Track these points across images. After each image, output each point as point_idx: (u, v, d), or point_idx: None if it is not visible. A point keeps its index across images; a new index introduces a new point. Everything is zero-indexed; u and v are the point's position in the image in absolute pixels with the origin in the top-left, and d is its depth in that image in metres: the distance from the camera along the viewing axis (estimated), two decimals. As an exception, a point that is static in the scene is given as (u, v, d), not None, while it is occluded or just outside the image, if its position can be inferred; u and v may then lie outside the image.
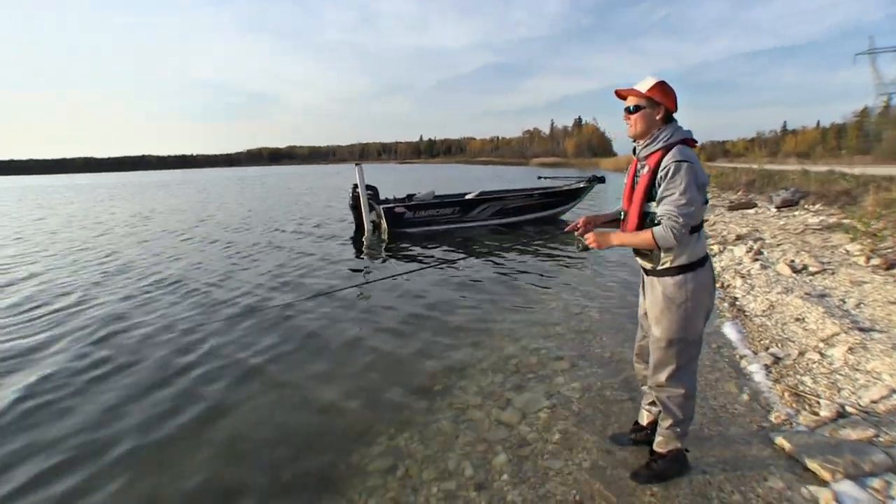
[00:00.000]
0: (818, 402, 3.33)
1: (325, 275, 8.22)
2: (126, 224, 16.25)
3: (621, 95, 2.55)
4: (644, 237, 2.39)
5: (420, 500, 2.80)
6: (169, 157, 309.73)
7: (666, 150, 2.37)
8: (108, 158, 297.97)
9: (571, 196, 14.09)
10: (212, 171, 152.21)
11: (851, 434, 2.91)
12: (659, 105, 2.42)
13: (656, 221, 2.37)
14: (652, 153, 2.43)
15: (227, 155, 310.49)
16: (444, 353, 4.83)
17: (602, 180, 13.92)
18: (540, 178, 16.32)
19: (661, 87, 2.41)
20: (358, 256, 10.22)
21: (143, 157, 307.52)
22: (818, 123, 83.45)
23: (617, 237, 2.55)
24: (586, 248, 2.73)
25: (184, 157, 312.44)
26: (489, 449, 3.20)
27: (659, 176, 2.34)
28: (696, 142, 2.45)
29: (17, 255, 10.75)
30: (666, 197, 2.31)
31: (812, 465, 2.68)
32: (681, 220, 2.24)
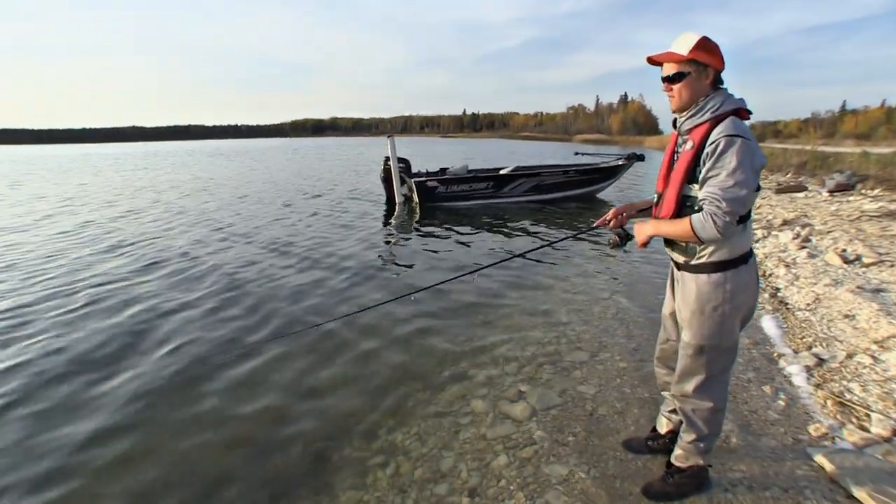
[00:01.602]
0: (868, 416, 2.92)
1: (352, 257, 7.98)
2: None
3: (656, 62, 2.11)
4: (681, 227, 2.00)
5: (408, 502, 2.55)
6: (215, 126, 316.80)
7: (715, 121, 1.96)
8: (158, 128, 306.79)
9: (609, 174, 13.56)
10: (261, 141, 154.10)
11: (912, 460, 2.49)
12: (706, 67, 2.00)
13: (697, 207, 1.99)
14: (697, 126, 2.03)
15: (272, 126, 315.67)
16: (456, 335, 4.57)
17: (641, 158, 13.37)
18: (577, 154, 15.74)
19: (705, 43, 1.98)
20: (387, 236, 9.66)
21: (190, 126, 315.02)
22: (883, 102, 78.43)
23: (653, 227, 2.17)
24: (619, 245, 2.38)
25: (229, 126, 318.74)
26: (489, 448, 2.93)
27: (705, 153, 1.94)
28: (749, 112, 2.02)
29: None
30: (711, 178, 1.91)
31: (859, 493, 2.28)
32: (724, 205, 1.85)
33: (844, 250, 6.10)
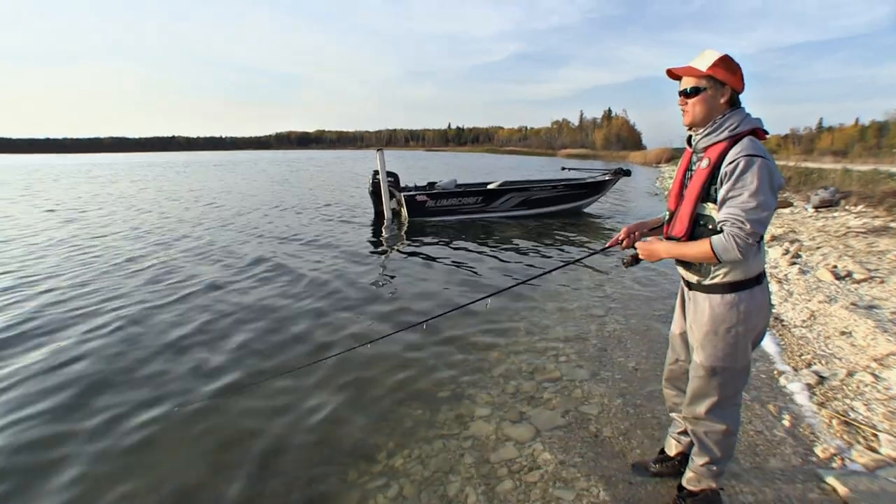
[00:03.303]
0: (876, 436, 2.90)
1: (349, 275, 7.87)
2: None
3: (674, 75, 2.12)
4: (700, 248, 1.98)
5: (413, 530, 2.47)
6: (198, 138, 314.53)
7: (732, 141, 1.95)
8: (139, 139, 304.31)
9: (596, 189, 13.63)
10: (252, 153, 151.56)
11: (929, 484, 2.44)
12: (723, 85, 1.99)
13: (715, 227, 1.97)
14: (714, 144, 2.01)
15: (257, 138, 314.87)
16: (453, 355, 4.49)
17: (628, 173, 13.50)
18: (563, 168, 15.82)
19: (726, 62, 1.97)
20: (381, 254, 9.35)
21: (173, 137, 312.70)
22: (857, 120, 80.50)
23: (666, 248, 2.14)
24: (633, 264, 2.34)
25: (213, 138, 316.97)
26: (493, 472, 2.86)
27: (723, 172, 1.92)
28: (766, 132, 2.02)
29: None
30: (732, 198, 1.89)
31: (877, 519, 2.25)
32: (748, 226, 1.83)
33: (835, 266, 6.15)
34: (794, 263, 6.76)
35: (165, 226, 11.83)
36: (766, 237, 8.58)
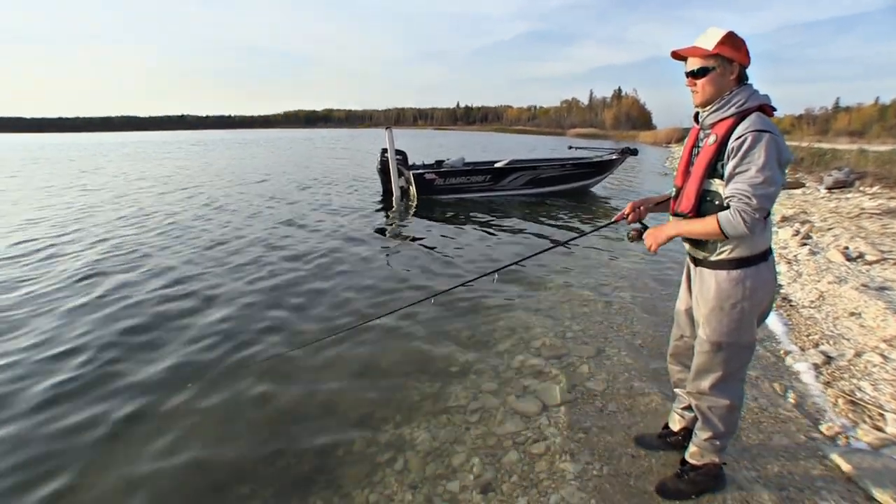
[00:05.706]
0: (882, 416, 2.90)
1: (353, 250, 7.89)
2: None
3: (680, 56, 2.09)
4: (707, 225, 1.97)
5: (419, 499, 2.51)
6: (208, 117, 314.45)
7: (740, 117, 1.93)
8: (149, 117, 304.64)
9: (603, 168, 13.56)
10: (268, 132, 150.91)
11: (934, 463, 2.45)
12: (731, 62, 1.97)
13: (722, 203, 1.96)
14: (721, 120, 2.00)
15: (265, 116, 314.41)
16: (460, 330, 4.51)
17: (635, 152, 13.43)
18: (570, 147, 15.71)
19: (731, 38, 1.95)
20: (391, 232, 9.35)
21: (183, 116, 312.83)
22: (877, 100, 78.62)
23: (674, 227, 2.13)
24: (638, 239, 2.34)
25: (223, 117, 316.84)
26: (499, 444, 2.90)
27: (730, 148, 1.91)
28: (774, 109, 2.00)
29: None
30: (739, 174, 1.88)
31: (881, 496, 2.26)
32: (755, 202, 1.82)
33: (846, 248, 6.10)
34: (804, 244, 6.71)
35: (168, 210, 11.90)
36: (777, 218, 8.54)
